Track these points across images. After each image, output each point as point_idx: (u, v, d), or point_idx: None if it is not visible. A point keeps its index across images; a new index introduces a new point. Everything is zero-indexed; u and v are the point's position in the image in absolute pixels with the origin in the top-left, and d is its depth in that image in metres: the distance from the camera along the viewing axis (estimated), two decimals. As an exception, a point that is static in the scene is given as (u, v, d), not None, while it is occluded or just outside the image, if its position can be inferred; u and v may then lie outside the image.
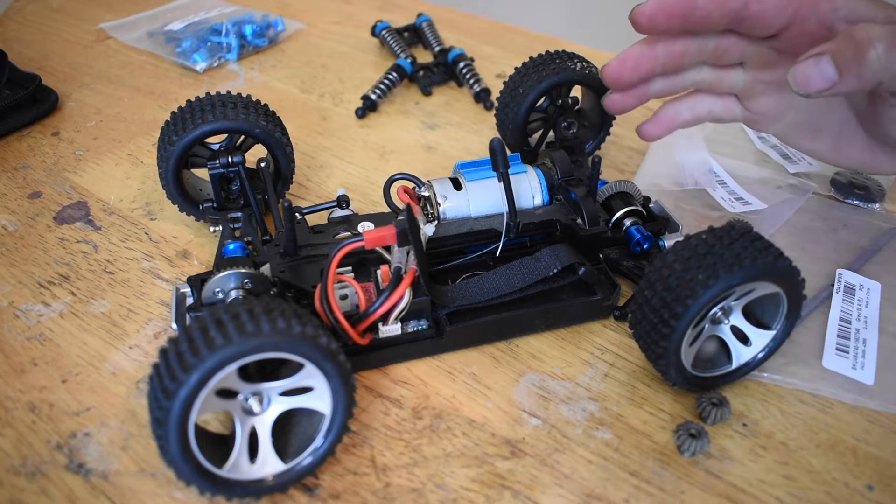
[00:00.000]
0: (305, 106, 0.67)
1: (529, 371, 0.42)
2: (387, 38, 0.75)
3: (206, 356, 0.30)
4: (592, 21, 1.44)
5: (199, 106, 0.48)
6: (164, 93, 0.69)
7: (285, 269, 0.42)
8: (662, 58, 0.46)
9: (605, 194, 0.48)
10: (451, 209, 0.44)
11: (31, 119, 0.63)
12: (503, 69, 0.73)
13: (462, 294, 0.42)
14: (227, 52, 0.74)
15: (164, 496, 0.35)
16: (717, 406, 0.39)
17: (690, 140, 0.60)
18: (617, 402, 0.40)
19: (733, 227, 0.37)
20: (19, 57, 0.73)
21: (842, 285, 0.46)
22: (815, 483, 0.36)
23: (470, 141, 0.63)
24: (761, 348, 0.40)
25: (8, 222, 0.52)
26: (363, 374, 0.41)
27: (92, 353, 0.42)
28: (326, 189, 0.57)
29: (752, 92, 0.47)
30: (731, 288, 0.35)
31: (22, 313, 0.45)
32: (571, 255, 0.43)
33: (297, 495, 0.36)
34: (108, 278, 0.48)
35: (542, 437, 0.38)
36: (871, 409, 0.40)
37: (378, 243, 0.39)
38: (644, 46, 0.46)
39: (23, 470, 0.36)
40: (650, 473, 0.37)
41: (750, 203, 0.54)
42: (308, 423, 0.36)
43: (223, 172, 0.48)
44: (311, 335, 0.32)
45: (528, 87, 0.52)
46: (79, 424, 0.38)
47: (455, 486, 0.36)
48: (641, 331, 0.38)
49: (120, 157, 0.60)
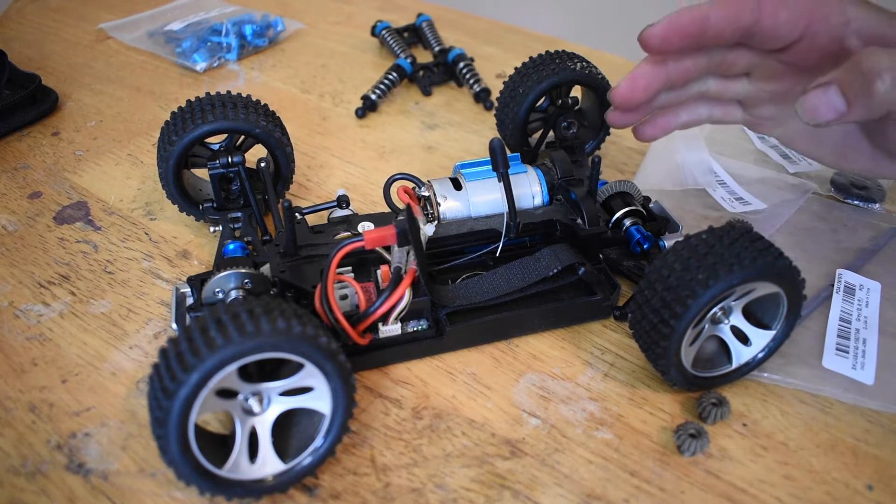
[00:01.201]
0: (305, 106, 0.67)
1: (529, 371, 0.42)
2: (387, 38, 0.75)
3: (206, 356, 0.30)
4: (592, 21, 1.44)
5: (199, 106, 0.48)
6: (164, 93, 0.69)
7: (285, 269, 0.42)
8: (671, 74, 0.45)
9: (605, 194, 0.48)
10: (451, 209, 0.44)
11: (31, 119, 0.63)
12: (503, 69, 0.73)
13: (462, 294, 0.42)
14: (227, 52, 0.74)
15: (164, 496, 0.35)
16: (717, 406, 0.39)
17: (690, 140, 0.60)
18: (617, 402, 0.40)
19: (733, 227, 0.37)
20: (19, 57, 0.72)
21: (842, 285, 0.46)
22: (815, 483, 0.36)
23: (470, 141, 0.63)
24: (761, 348, 0.40)
25: (8, 222, 0.52)
26: (363, 374, 0.41)
27: (92, 353, 0.42)
28: (326, 189, 0.57)
29: (756, 100, 0.47)
30: (731, 288, 0.35)
31: (22, 313, 0.45)
32: (571, 255, 0.43)
33: (297, 495, 0.36)
34: (108, 278, 0.48)
35: (542, 437, 0.38)
36: (871, 409, 0.40)
37: (378, 243, 0.39)
38: (653, 66, 0.45)
39: (23, 470, 0.36)
40: (650, 473, 0.37)
41: (750, 203, 0.54)
42: (308, 423, 0.36)
43: (223, 172, 0.48)
44: (311, 335, 0.32)
45: (528, 87, 0.52)
46: (79, 424, 0.38)
47: (455, 486, 0.36)
48: (641, 331, 0.38)
49: (120, 157, 0.60)
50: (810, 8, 0.40)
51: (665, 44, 0.42)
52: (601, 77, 0.53)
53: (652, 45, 0.43)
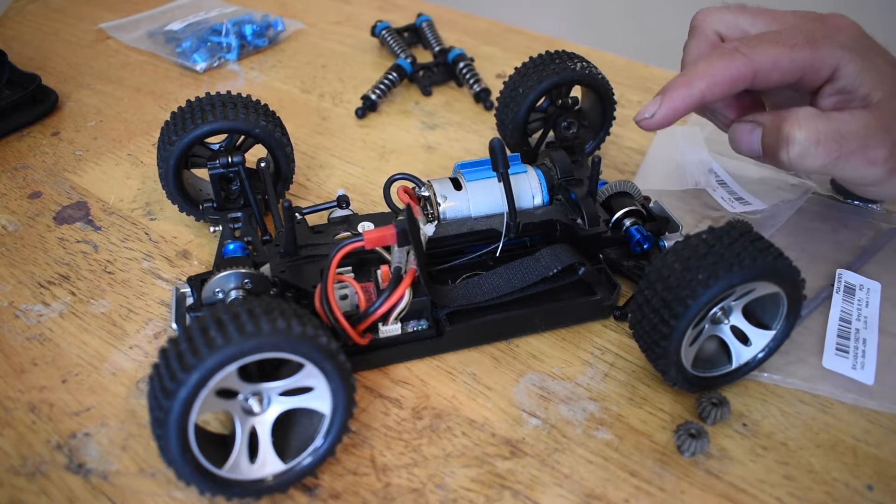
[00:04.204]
0: (305, 106, 0.67)
1: (529, 371, 0.42)
2: (387, 38, 0.75)
3: (206, 356, 0.30)
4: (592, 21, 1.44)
5: (199, 106, 0.48)
6: (164, 93, 0.69)
7: (285, 269, 0.42)
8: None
9: (605, 194, 0.48)
10: (451, 209, 0.44)
11: (31, 119, 0.63)
12: (503, 69, 0.73)
13: (462, 294, 0.42)
14: (227, 52, 0.74)
15: (164, 496, 0.35)
16: (717, 406, 0.39)
17: (690, 140, 0.60)
18: (617, 402, 0.40)
19: (733, 227, 0.37)
20: (19, 57, 0.72)
21: (842, 285, 0.46)
22: (815, 483, 0.36)
23: (470, 141, 0.63)
24: (761, 348, 0.40)
25: (8, 222, 0.52)
26: (363, 374, 0.41)
27: (92, 353, 0.42)
28: (326, 189, 0.57)
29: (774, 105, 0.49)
30: (731, 288, 0.35)
31: (22, 313, 0.45)
32: (571, 255, 0.43)
33: (297, 495, 0.36)
34: (108, 278, 0.48)
35: (542, 437, 0.38)
36: (871, 409, 0.40)
37: (378, 243, 0.39)
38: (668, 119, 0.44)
39: (23, 470, 0.36)
40: (650, 473, 0.37)
41: (750, 203, 0.54)
42: (308, 423, 0.36)
43: (223, 172, 0.48)
44: (311, 335, 0.32)
45: (528, 87, 0.52)
46: (79, 424, 0.38)
47: (455, 486, 0.36)
48: (641, 331, 0.38)
49: (120, 157, 0.60)
50: (802, 67, 0.42)
51: (663, 126, 0.44)
52: (601, 77, 0.53)
53: (650, 129, 0.44)
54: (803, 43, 0.41)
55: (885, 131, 0.42)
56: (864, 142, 0.42)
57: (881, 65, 0.42)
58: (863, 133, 0.42)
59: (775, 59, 0.41)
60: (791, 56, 0.41)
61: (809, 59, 0.41)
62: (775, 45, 0.41)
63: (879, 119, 0.42)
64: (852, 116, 0.42)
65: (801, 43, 0.41)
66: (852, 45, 0.42)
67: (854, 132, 0.41)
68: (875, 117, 0.42)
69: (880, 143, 0.42)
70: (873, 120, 0.42)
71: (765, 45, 0.42)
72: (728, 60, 0.42)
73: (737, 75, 0.42)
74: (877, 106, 0.42)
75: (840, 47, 0.42)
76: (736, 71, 0.42)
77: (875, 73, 0.42)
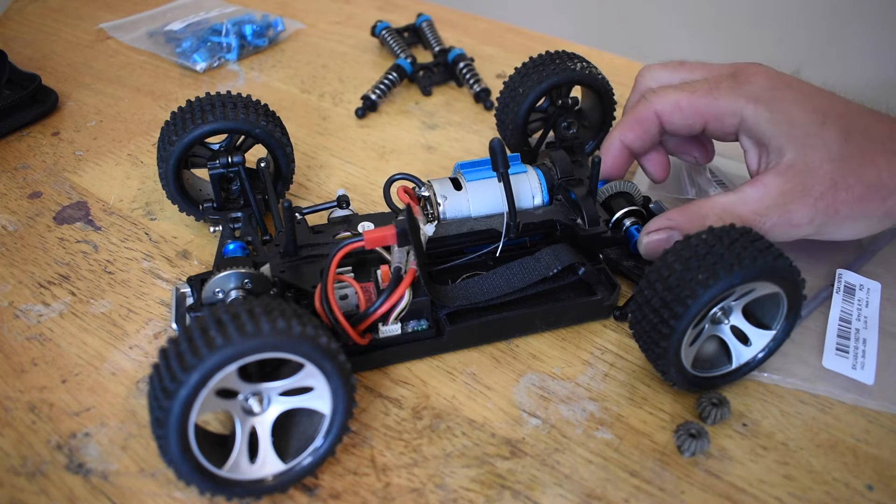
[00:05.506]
0: (305, 106, 0.67)
1: (529, 371, 0.42)
2: (387, 38, 0.75)
3: (206, 356, 0.30)
4: (592, 21, 1.44)
5: (199, 106, 0.48)
6: (164, 93, 0.69)
7: (285, 269, 0.42)
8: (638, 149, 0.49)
9: (605, 194, 0.48)
10: (451, 209, 0.44)
11: (31, 119, 0.63)
12: (503, 69, 0.73)
13: (462, 294, 0.42)
14: (227, 52, 0.74)
15: (164, 496, 0.35)
16: (717, 406, 0.39)
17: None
18: (617, 402, 0.40)
19: (733, 227, 0.37)
20: (19, 57, 0.72)
21: (842, 285, 0.46)
22: (815, 483, 0.36)
23: (470, 141, 0.63)
24: (761, 348, 0.40)
25: (8, 222, 0.52)
26: (363, 374, 0.41)
27: (92, 353, 0.42)
28: (326, 189, 0.57)
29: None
30: (731, 288, 0.35)
31: (22, 313, 0.45)
32: (571, 255, 0.43)
33: (297, 495, 0.36)
34: (108, 278, 0.48)
35: (542, 437, 0.38)
36: (871, 409, 0.40)
37: (378, 243, 0.39)
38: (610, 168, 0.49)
39: (23, 470, 0.36)
40: (650, 473, 0.37)
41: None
42: (308, 423, 0.36)
43: (223, 172, 0.48)
44: (311, 335, 0.32)
45: (528, 88, 0.52)
46: (79, 424, 0.38)
47: (455, 486, 0.36)
48: (641, 331, 0.38)
49: (120, 157, 0.60)
50: (702, 112, 0.45)
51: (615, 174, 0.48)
52: (601, 77, 0.53)
53: (609, 179, 0.48)
54: (704, 91, 0.44)
55: (802, 191, 0.41)
56: (782, 210, 0.41)
57: (796, 115, 0.42)
58: (780, 202, 0.41)
59: (675, 103, 0.45)
60: (690, 101, 0.45)
61: (708, 106, 0.44)
62: (678, 92, 0.45)
63: (793, 179, 0.41)
64: (765, 188, 0.41)
65: (703, 91, 0.44)
66: (758, 95, 0.43)
67: (770, 205, 0.41)
68: (789, 179, 0.41)
69: (800, 205, 0.41)
70: (786, 183, 0.41)
71: (668, 92, 0.46)
72: (636, 105, 0.47)
73: (641, 117, 0.46)
74: (789, 165, 0.41)
75: (744, 97, 0.43)
76: (640, 114, 0.46)
77: (786, 124, 0.42)
